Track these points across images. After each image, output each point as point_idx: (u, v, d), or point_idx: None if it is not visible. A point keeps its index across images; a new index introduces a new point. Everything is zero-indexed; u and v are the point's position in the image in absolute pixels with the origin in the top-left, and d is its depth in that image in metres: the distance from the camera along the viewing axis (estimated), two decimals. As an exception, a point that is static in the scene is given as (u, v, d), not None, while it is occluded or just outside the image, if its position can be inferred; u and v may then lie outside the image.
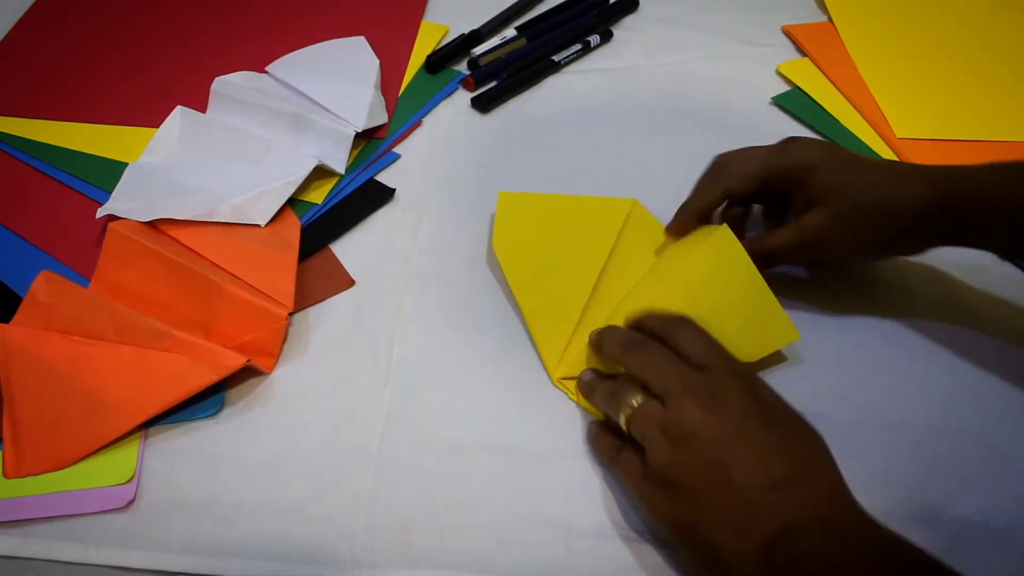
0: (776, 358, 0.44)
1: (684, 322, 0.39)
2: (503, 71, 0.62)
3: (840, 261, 0.47)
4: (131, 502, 0.39)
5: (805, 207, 0.43)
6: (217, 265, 0.47)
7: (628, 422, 0.37)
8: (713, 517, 0.33)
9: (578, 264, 0.46)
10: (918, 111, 0.58)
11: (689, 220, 0.47)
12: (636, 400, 0.37)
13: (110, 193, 0.51)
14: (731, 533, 0.33)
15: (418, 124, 0.59)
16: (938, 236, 0.42)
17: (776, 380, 0.43)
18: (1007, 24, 0.66)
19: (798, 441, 0.35)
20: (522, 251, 0.47)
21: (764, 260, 0.44)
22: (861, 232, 0.42)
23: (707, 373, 0.36)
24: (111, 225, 0.47)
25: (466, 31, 0.65)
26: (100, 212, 0.49)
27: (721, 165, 0.46)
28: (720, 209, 0.48)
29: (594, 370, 0.42)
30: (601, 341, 0.41)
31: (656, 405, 0.36)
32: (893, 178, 0.42)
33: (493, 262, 0.49)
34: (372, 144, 0.56)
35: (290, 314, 0.45)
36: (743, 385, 0.36)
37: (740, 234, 0.45)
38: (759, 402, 0.35)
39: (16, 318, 0.44)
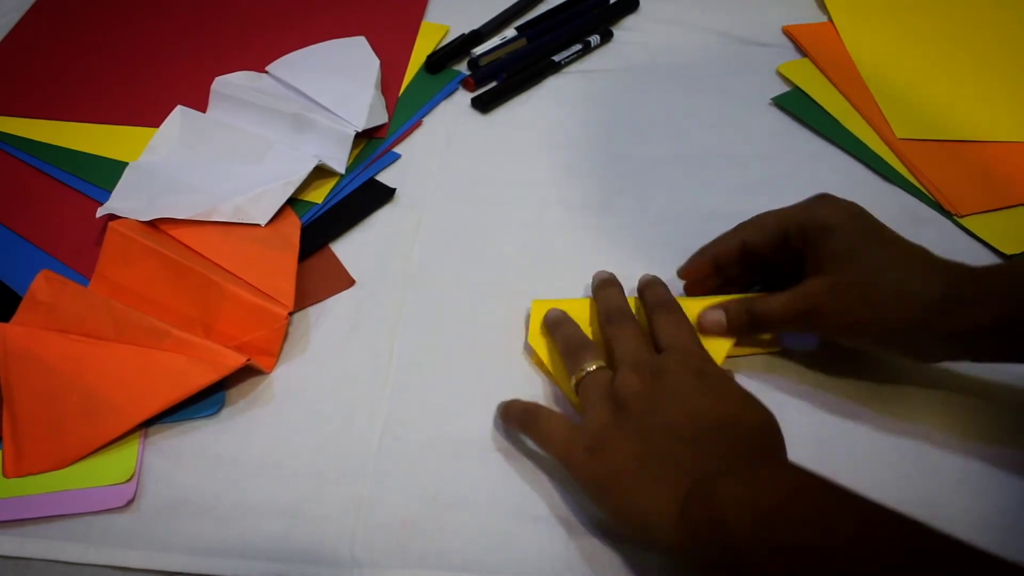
0: (775, 355, 0.44)
1: (668, 307, 0.41)
2: (503, 71, 0.62)
3: (841, 343, 0.40)
4: (131, 501, 0.39)
5: (813, 272, 0.39)
6: (217, 264, 0.47)
7: (578, 382, 0.39)
8: (635, 475, 0.34)
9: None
10: (918, 111, 0.58)
11: (702, 264, 0.44)
12: (593, 365, 0.39)
13: (110, 193, 0.51)
14: (651, 488, 0.33)
15: (418, 124, 0.59)
16: (958, 344, 0.37)
17: (776, 379, 0.43)
18: (1008, 24, 0.66)
19: (734, 405, 0.36)
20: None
21: (757, 327, 0.41)
22: (859, 313, 0.37)
23: (664, 355, 0.38)
24: (111, 224, 0.47)
25: (466, 31, 0.65)
26: (100, 211, 0.49)
27: (748, 219, 0.43)
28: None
29: (563, 312, 0.43)
30: (596, 298, 0.44)
31: (608, 374, 0.38)
32: (913, 262, 0.37)
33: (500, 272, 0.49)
34: (372, 144, 0.56)
35: (290, 314, 0.45)
36: (692, 367, 0.37)
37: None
38: (703, 380, 0.36)
39: (16, 317, 0.44)
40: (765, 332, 0.42)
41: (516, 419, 0.40)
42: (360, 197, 0.53)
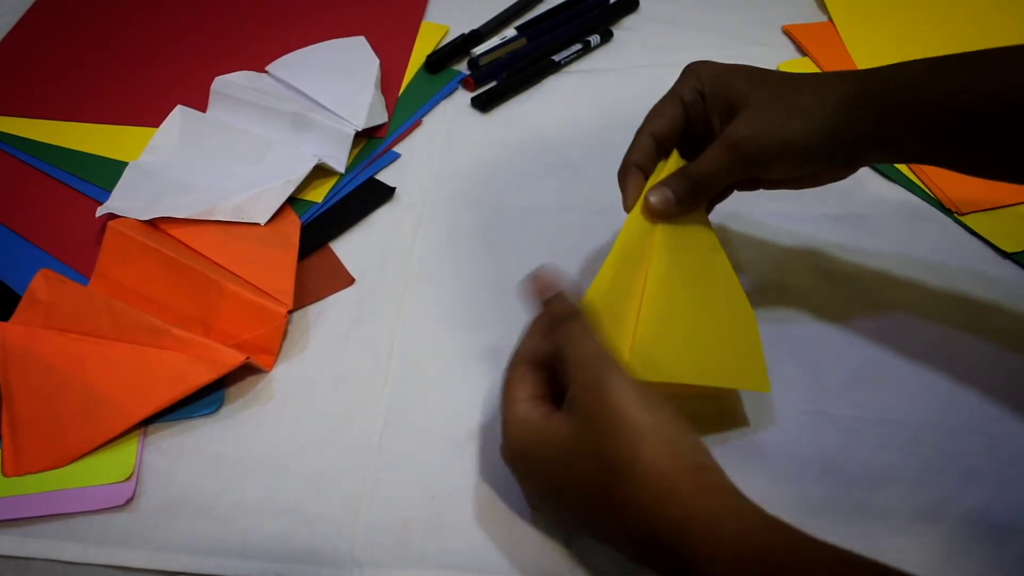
0: (776, 355, 0.44)
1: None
2: (503, 71, 0.62)
3: (775, 172, 0.40)
4: (130, 500, 0.39)
5: (728, 118, 0.39)
6: (217, 263, 0.47)
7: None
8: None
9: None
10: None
11: (637, 182, 0.41)
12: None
13: (110, 192, 0.51)
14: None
15: (418, 123, 0.59)
16: (868, 138, 0.37)
17: (777, 379, 0.43)
18: (1008, 24, 0.66)
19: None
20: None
21: (701, 191, 0.40)
22: (786, 125, 0.37)
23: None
24: (111, 223, 0.47)
25: (466, 31, 0.65)
26: (100, 211, 0.49)
27: (642, 122, 0.42)
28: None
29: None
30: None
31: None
32: (809, 79, 0.38)
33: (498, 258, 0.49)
34: (372, 143, 0.56)
35: (290, 312, 0.45)
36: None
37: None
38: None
39: (15, 316, 0.44)
40: (708, 195, 0.41)
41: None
42: (360, 196, 0.53)
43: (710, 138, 0.40)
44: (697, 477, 0.31)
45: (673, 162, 0.41)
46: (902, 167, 0.54)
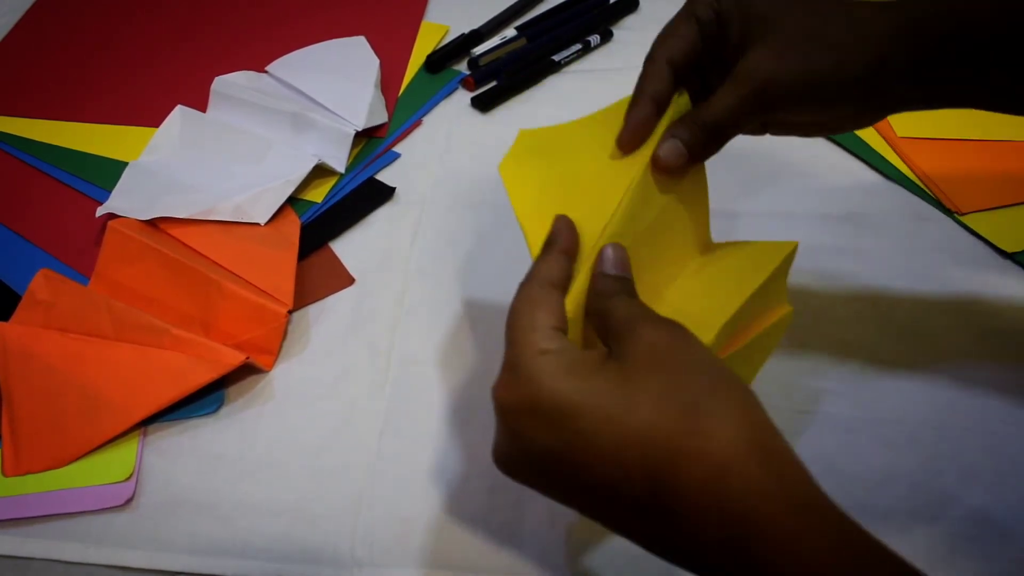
0: (776, 353, 0.44)
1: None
2: (503, 71, 0.62)
3: (800, 116, 0.35)
4: (130, 500, 0.39)
5: (743, 50, 0.33)
6: (217, 263, 0.47)
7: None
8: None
9: (597, 190, 0.35)
10: (918, 110, 0.57)
11: (647, 114, 0.34)
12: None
13: (110, 192, 0.51)
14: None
15: (418, 123, 0.59)
16: (907, 79, 0.32)
17: (777, 377, 0.43)
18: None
19: None
20: (534, 180, 0.38)
21: (717, 139, 0.34)
22: (816, 65, 0.32)
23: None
24: (111, 223, 0.47)
25: (466, 31, 0.65)
26: (100, 211, 0.49)
27: (654, 45, 0.36)
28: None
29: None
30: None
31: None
32: (844, 4, 0.33)
33: (491, 253, 0.49)
34: (372, 143, 0.56)
35: (290, 312, 0.45)
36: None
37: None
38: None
39: (15, 316, 0.44)
40: (723, 143, 0.35)
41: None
42: (360, 196, 0.53)
43: (721, 67, 0.34)
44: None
45: (681, 103, 0.35)
46: (902, 167, 0.54)
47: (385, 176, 0.55)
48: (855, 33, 0.32)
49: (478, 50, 0.63)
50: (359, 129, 0.54)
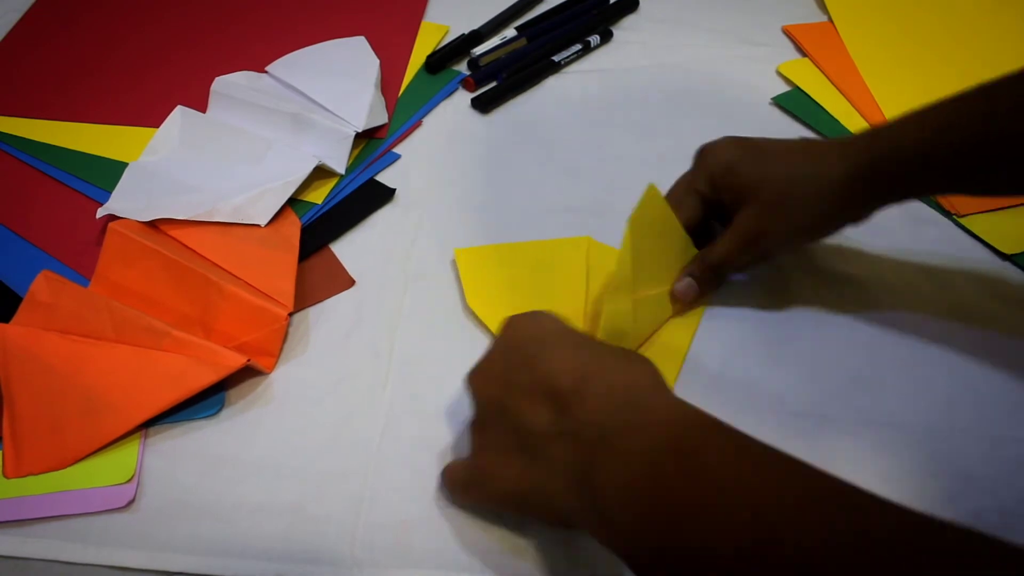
0: (774, 357, 0.44)
1: None
2: (503, 71, 0.62)
3: (787, 251, 0.47)
4: (131, 502, 0.39)
5: (736, 208, 0.44)
6: (217, 265, 0.47)
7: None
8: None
9: (559, 306, 0.41)
10: (918, 111, 0.57)
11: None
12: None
13: (110, 193, 0.51)
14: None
15: (418, 124, 0.59)
16: (875, 201, 0.42)
17: (776, 380, 0.43)
18: (1008, 24, 0.65)
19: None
20: (497, 303, 0.46)
21: (717, 273, 0.45)
22: (793, 218, 0.42)
23: None
24: (111, 225, 0.47)
25: (466, 31, 0.65)
26: (100, 212, 0.49)
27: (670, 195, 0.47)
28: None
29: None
30: None
31: None
32: (811, 159, 0.42)
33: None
34: (372, 144, 0.56)
35: (290, 314, 0.45)
36: None
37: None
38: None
39: (16, 318, 0.44)
40: (725, 277, 0.47)
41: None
42: (360, 197, 0.53)
43: (722, 212, 0.45)
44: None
45: (649, 199, 0.43)
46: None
47: (385, 177, 0.55)
48: (817, 187, 0.41)
49: (478, 50, 0.63)
50: (359, 130, 0.54)
